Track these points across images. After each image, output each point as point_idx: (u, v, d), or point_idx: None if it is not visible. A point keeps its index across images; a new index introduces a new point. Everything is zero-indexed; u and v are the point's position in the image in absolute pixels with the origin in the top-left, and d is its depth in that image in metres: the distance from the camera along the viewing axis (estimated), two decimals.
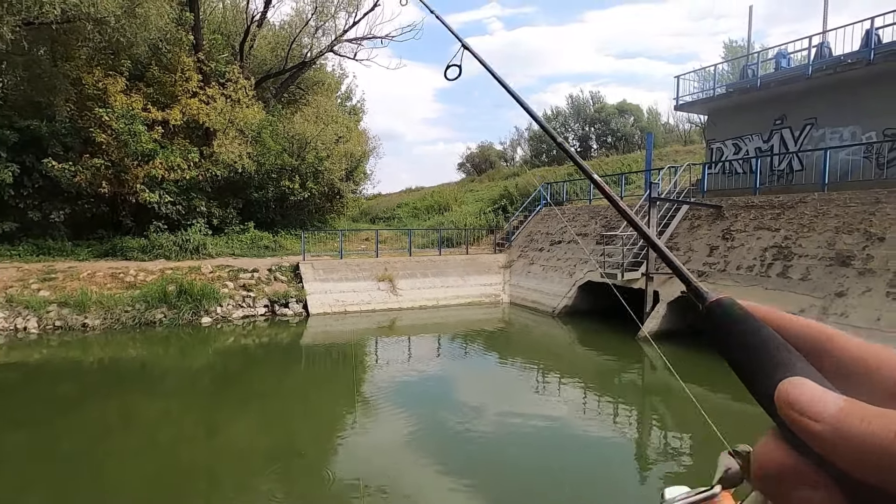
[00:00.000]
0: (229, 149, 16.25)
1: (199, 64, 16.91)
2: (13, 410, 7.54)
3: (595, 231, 15.11)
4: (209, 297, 12.65)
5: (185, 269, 13.52)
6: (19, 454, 6.09)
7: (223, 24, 21.09)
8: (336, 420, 7.73)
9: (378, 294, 14.74)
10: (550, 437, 7.01)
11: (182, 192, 16.06)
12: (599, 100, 42.45)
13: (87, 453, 6.12)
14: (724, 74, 20.84)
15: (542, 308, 14.56)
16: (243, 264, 14.59)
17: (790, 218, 10.35)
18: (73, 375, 9.31)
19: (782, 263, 9.73)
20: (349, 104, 29.97)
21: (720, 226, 11.66)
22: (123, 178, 14.65)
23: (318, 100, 21.71)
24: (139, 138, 14.36)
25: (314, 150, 19.24)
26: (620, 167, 25.87)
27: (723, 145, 15.44)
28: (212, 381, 9.62)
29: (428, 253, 17.76)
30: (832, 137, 12.55)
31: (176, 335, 11.74)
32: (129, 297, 12.09)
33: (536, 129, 44.52)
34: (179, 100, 16.16)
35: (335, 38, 21.70)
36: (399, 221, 27.35)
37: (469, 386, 9.39)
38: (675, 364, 10.18)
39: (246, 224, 17.92)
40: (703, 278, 10.91)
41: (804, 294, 8.94)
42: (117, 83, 14.85)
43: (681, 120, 36.93)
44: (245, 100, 16.99)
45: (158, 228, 15.43)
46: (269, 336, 12.46)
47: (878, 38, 11.84)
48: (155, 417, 7.53)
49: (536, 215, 18.92)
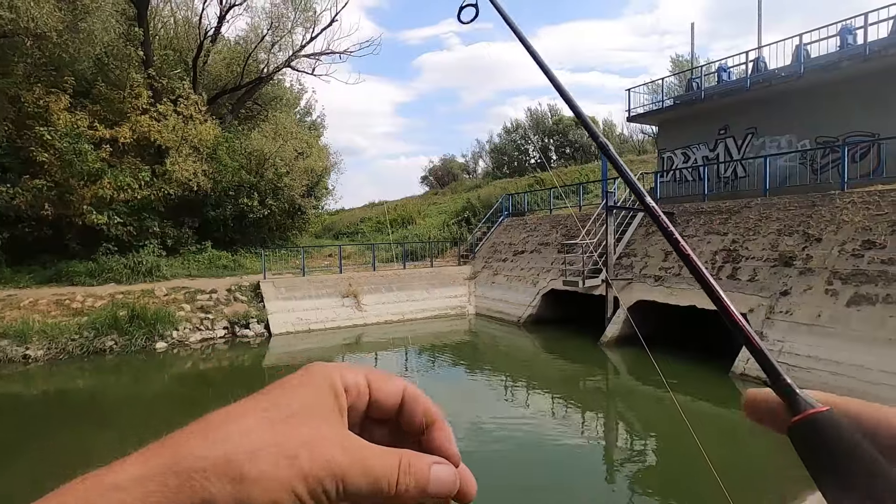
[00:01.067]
0: (183, 167, 15.74)
1: (150, 80, 16.38)
2: None
3: (556, 240, 15.42)
4: (164, 321, 12.12)
5: (138, 293, 12.92)
6: None
7: (175, 40, 20.54)
8: None
9: (342, 310, 14.51)
10: (520, 444, 7.05)
11: (133, 213, 15.40)
12: (557, 112, 43.61)
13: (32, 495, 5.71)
14: (672, 87, 21.89)
15: (508, 318, 14.69)
16: (200, 285, 14.08)
17: (737, 222, 10.89)
18: (13, 411, 8.70)
19: (731, 266, 10.21)
20: (309, 119, 29.70)
21: None
22: (68, 199, 13.92)
23: (276, 115, 21.38)
24: (85, 157, 13.72)
25: (273, 167, 18.90)
26: (579, 177, 26.60)
27: (673, 154, 16.14)
28: (168, 409, 9.18)
29: (392, 267, 17.66)
30: (771, 146, 13.34)
31: (128, 363, 11.17)
32: (76, 325, 11.44)
33: (497, 143, 45.32)
34: (129, 117, 15.56)
35: (292, 54, 21.50)
36: (363, 236, 27.12)
37: (437, 399, 9.25)
38: (636, 368, 10.47)
39: (203, 244, 17.34)
40: (660, 282, 11.30)
41: (752, 294, 9.38)
42: (60, 100, 14.17)
43: (634, 131, 38.46)
44: (198, 116, 16.53)
45: (108, 251, 14.71)
46: (228, 359, 12.04)
47: (807, 53, 12.74)
48: (106, 452, 7.05)
49: (499, 226, 19.16)
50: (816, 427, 0.33)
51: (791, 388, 0.35)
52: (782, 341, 8.37)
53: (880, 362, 7.12)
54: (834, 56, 12.10)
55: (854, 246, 8.57)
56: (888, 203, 8.67)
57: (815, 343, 7.97)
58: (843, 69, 11.55)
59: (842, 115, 11.91)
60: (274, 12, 20.78)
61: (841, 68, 11.58)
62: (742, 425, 7.65)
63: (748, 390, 0.39)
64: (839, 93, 11.92)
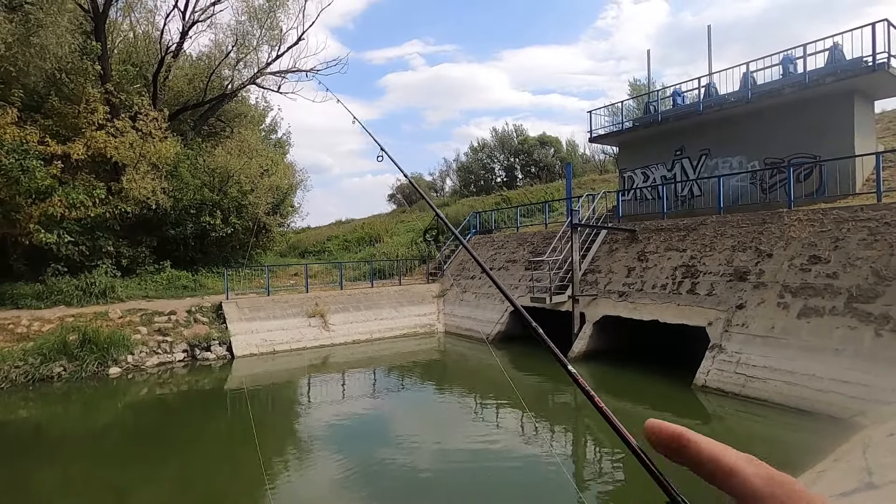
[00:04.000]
0: (140, 184, 15.20)
1: (107, 95, 15.86)
2: None
3: (523, 258, 15.64)
4: (118, 344, 11.54)
5: (90, 316, 12.28)
6: None
7: (134, 55, 20.02)
8: (266, 470, 7.23)
9: (309, 331, 14.19)
10: (491, 463, 7.00)
11: (86, 231, 14.71)
12: (522, 132, 44.63)
13: None
14: (630, 110, 22.80)
15: (477, 335, 14.71)
16: (158, 307, 13.52)
17: (694, 239, 11.33)
18: None
19: (690, 281, 10.58)
20: (275, 137, 29.31)
21: (636, 248, 12.52)
22: (14, 217, 13.18)
23: (241, 132, 21.02)
24: (33, 174, 13.07)
25: (237, 184, 18.51)
26: (544, 196, 27.18)
27: (633, 174, 16.74)
28: (121, 439, 8.68)
29: (360, 286, 17.45)
30: (724, 166, 14.03)
31: (78, 390, 10.54)
32: (21, 351, 10.74)
33: (464, 161, 45.90)
34: (84, 132, 14.97)
35: (258, 71, 21.30)
36: (329, 255, 26.75)
37: (407, 420, 9.20)
38: (603, 382, 10.63)
39: (161, 263, 16.70)
40: (624, 298, 11.59)
41: (711, 308, 9.74)
42: (7, 114, 13.51)
43: (596, 151, 39.70)
44: (157, 133, 16.07)
45: (57, 272, 13.96)
46: (188, 383, 11.52)
47: (754, 79, 13.55)
48: (52, 488, 6.64)
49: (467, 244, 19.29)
50: None
51: None
52: (739, 353, 8.70)
53: (829, 371, 7.48)
54: (778, 83, 12.91)
55: (802, 261, 9.05)
56: (830, 220, 9.23)
57: (770, 354, 8.32)
58: (786, 95, 12.33)
59: (787, 138, 12.68)
60: (239, 29, 20.64)
61: (784, 94, 12.36)
62: (705, 434, 7.84)
63: (647, 422, 0.48)
64: (784, 117, 12.71)
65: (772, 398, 7.89)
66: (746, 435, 7.30)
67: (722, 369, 8.77)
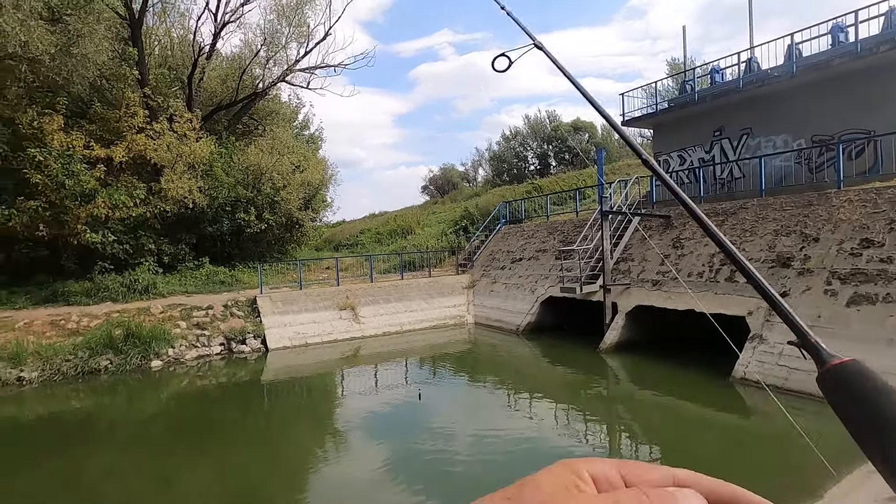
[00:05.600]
0: (178, 184, 15.75)
1: (146, 99, 16.47)
2: None
3: (554, 247, 15.31)
4: (159, 338, 12.04)
5: (134, 311, 12.87)
6: None
7: (170, 58, 20.70)
8: (303, 459, 7.40)
9: (340, 323, 14.41)
10: (525, 453, 6.91)
11: (129, 231, 15.40)
12: (555, 118, 43.69)
13: None
14: (668, 90, 21.87)
15: (507, 326, 14.55)
16: (197, 302, 14.02)
17: (733, 224, 10.77)
18: (5, 436, 8.60)
19: (729, 268, 10.07)
20: (307, 133, 29.79)
21: (670, 235, 12.02)
22: (63, 219, 13.92)
23: (273, 130, 21.45)
24: (78, 177, 13.74)
25: (270, 181, 18.91)
26: (577, 182, 26.54)
27: (669, 157, 16.06)
28: (164, 429, 9.08)
29: (390, 278, 17.57)
30: (766, 146, 13.24)
31: (123, 382, 11.08)
32: (71, 345, 11.37)
33: (497, 150, 45.38)
34: (125, 136, 15.62)
35: (287, 68, 21.62)
36: (362, 248, 27.08)
37: (440, 410, 9.20)
38: (636, 374, 10.31)
39: (200, 260, 17.30)
40: (658, 287, 11.17)
41: (751, 297, 9.23)
42: (54, 121, 14.23)
43: (633, 134, 38.45)
44: (192, 133, 16.58)
45: (104, 269, 14.69)
46: (225, 376, 11.92)
47: (799, 52, 12.68)
48: (101, 475, 7.00)
49: (497, 234, 19.08)
50: (843, 374, 0.39)
51: (818, 344, 0.42)
52: (782, 343, 8.21)
53: (881, 362, 6.95)
54: (826, 54, 12.03)
55: (852, 245, 8.43)
56: (885, 200, 8.55)
57: None
58: (836, 67, 11.48)
59: (836, 114, 11.82)
60: (268, 28, 20.97)
61: (833, 66, 11.51)
62: (744, 431, 7.48)
63: None
64: (833, 91, 11.85)
65: (818, 392, 7.39)
66: (788, 430, 6.90)
67: (763, 361, 8.32)
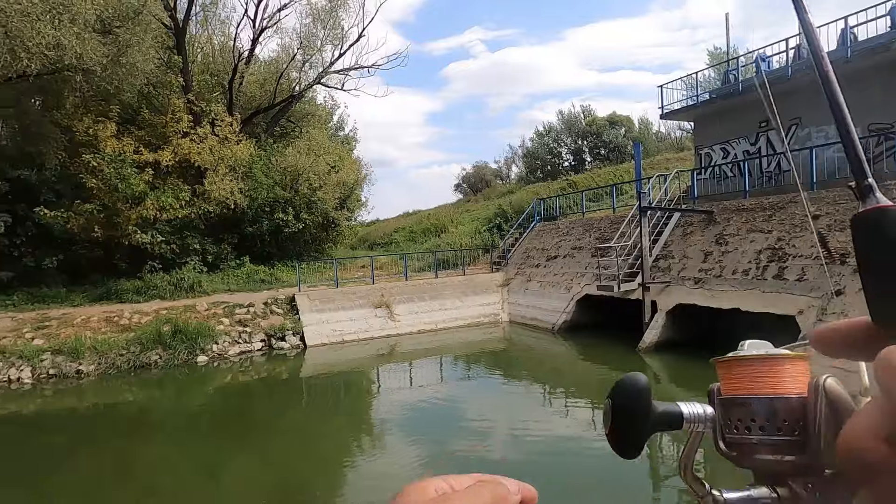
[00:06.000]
0: (220, 186, 16.34)
1: (190, 104, 17.16)
2: (8, 466, 7.35)
3: (590, 244, 15.03)
4: (204, 335, 12.54)
5: (181, 309, 13.44)
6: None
7: (212, 65, 21.47)
8: (339, 453, 7.56)
9: (376, 321, 14.60)
10: (565, 455, 6.83)
11: (175, 231, 16.09)
12: (590, 113, 42.79)
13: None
14: (710, 81, 21.07)
15: (542, 325, 14.39)
16: (239, 299, 14.51)
17: (782, 219, 10.27)
18: (67, 425, 9.16)
19: (777, 265, 9.62)
20: (342, 134, 30.33)
21: (713, 231, 11.58)
22: (116, 221, 14.69)
23: (309, 132, 21.93)
24: (129, 181, 14.46)
25: (307, 181, 19.34)
26: (613, 178, 25.93)
27: (711, 150, 15.47)
28: (210, 421, 9.45)
29: (425, 276, 17.67)
30: (817, 136, 12.56)
31: (172, 376, 11.60)
32: (124, 341, 11.99)
33: (530, 147, 44.90)
34: (171, 141, 16.34)
35: (322, 71, 22.06)
36: (396, 246, 27.32)
37: (475, 408, 9.20)
38: (677, 374, 10.01)
39: (241, 259, 17.90)
40: (700, 285, 10.79)
41: (802, 295, 8.80)
42: (107, 128, 15.03)
43: (672, 127, 37.18)
44: (233, 137, 17.16)
45: (153, 269, 15.41)
46: (266, 371, 12.30)
47: (854, 35, 11.96)
48: (152, 464, 7.36)
49: (531, 231, 18.88)
50: (885, 219, 0.35)
51: (872, 185, 0.37)
52: None
53: None
54: (885, 37, 11.29)
55: None
56: None
57: None
58: (895, 51, 10.76)
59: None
60: (304, 31, 21.46)
61: (892, 50, 10.80)
62: None
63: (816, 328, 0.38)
64: (892, 76, 11.11)
65: None
66: None
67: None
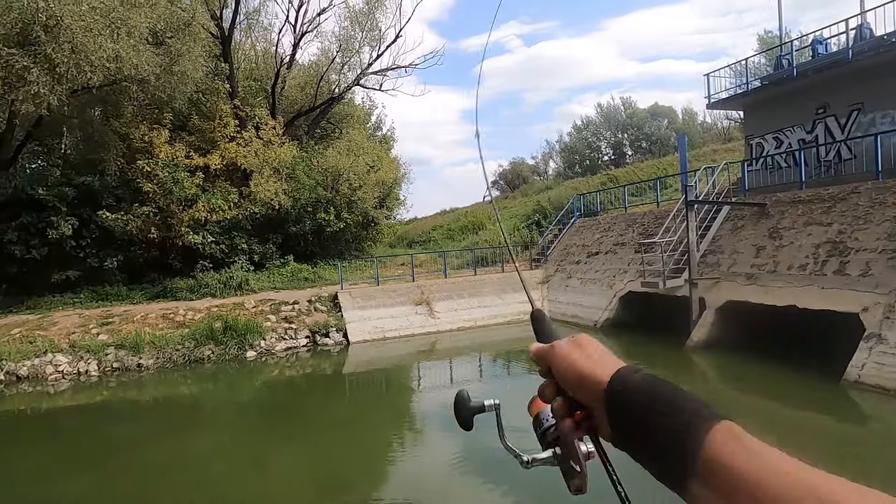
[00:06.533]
0: (265, 187, 16.92)
1: (236, 110, 17.85)
2: (78, 452, 7.91)
3: (633, 240, 14.64)
4: (253, 331, 13.03)
5: (230, 306, 14.01)
6: (83, 498, 6.34)
7: (255, 70, 22.22)
8: (381, 448, 7.70)
9: (416, 318, 14.76)
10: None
11: (224, 232, 16.78)
12: (630, 105, 41.67)
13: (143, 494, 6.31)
14: (760, 67, 20.05)
15: (583, 322, 14.15)
16: (284, 297, 15.00)
17: (843, 210, 9.69)
18: (130, 416, 9.72)
19: (838, 260, 9.08)
20: (380, 133, 30.74)
21: (766, 224, 11.05)
22: (170, 222, 15.48)
23: (349, 133, 22.37)
24: (182, 185, 15.20)
25: (347, 182, 19.73)
26: (656, 171, 25.18)
27: (763, 140, 14.75)
28: (259, 414, 9.82)
29: (463, 274, 17.70)
30: (882, 122, 11.75)
31: (223, 371, 12.12)
32: (180, 336, 12.62)
33: (568, 142, 44.16)
34: (219, 145, 17.06)
35: (361, 72, 22.43)
36: (435, 244, 27.50)
37: (517, 406, 9.13)
38: (728, 374, 9.63)
39: (286, 258, 18.47)
40: (753, 281, 10.33)
41: (866, 291, 8.28)
42: (161, 135, 15.85)
43: (718, 118, 35.68)
44: (276, 140, 17.72)
45: (204, 268, 16.14)
46: (311, 366, 12.67)
47: None
48: (206, 454, 7.72)
49: (571, 227, 18.57)
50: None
51: None
52: None
53: None
54: None
55: None
56: None
57: None
58: None
59: None
60: (342, 34, 21.88)
61: None
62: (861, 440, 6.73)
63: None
64: None
65: None
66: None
67: (882, 363, 7.43)
